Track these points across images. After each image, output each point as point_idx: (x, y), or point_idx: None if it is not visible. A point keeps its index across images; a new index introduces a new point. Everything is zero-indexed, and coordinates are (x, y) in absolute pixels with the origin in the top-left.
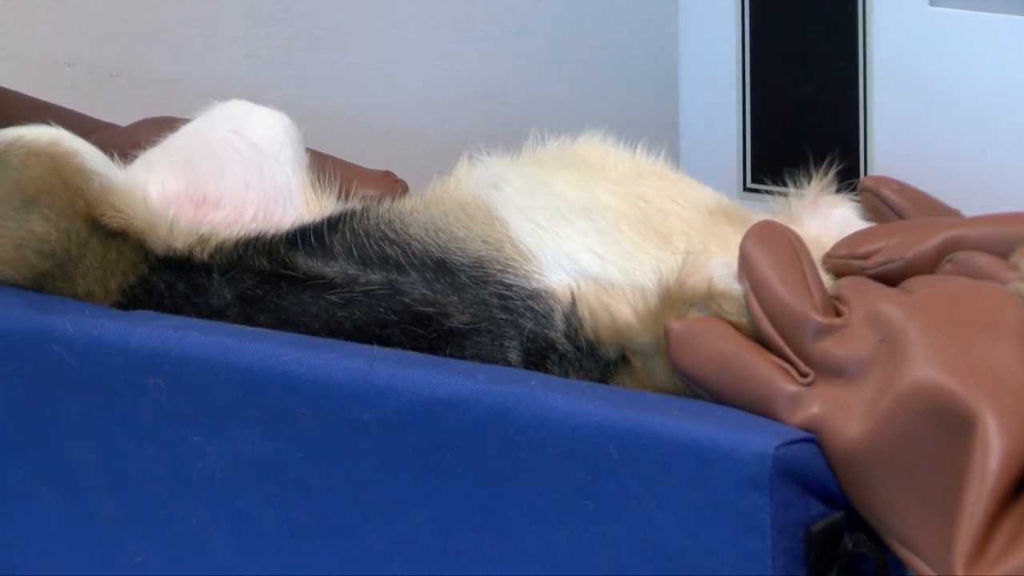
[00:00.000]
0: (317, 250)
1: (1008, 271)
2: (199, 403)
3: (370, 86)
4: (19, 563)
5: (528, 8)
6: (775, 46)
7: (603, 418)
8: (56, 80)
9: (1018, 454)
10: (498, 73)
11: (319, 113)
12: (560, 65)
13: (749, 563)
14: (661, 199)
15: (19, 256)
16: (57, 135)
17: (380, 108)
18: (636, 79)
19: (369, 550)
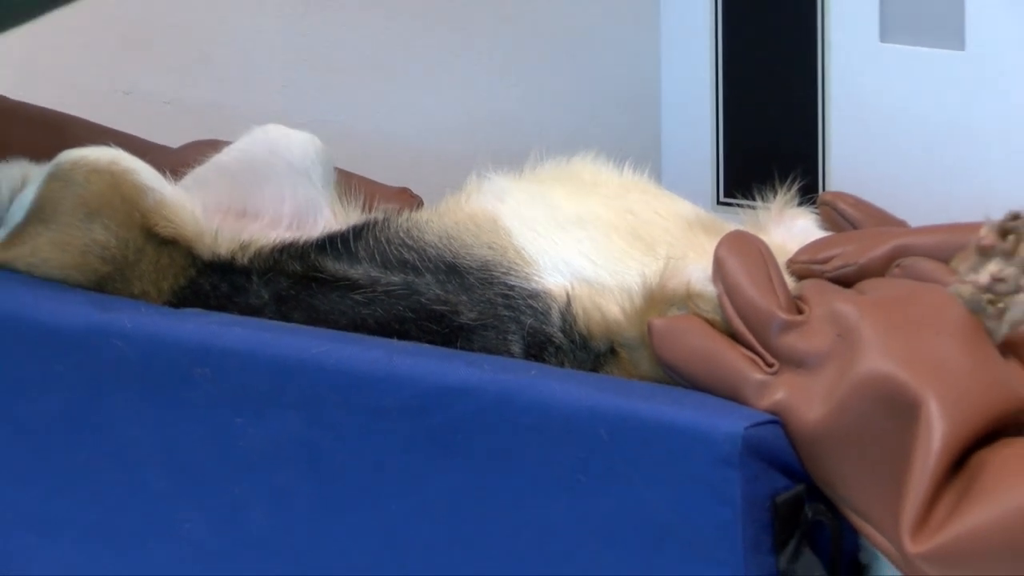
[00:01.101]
0: (343, 255)
1: (949, 275)
2: (240, 390)
3: (390, 112)
4: (82, 532)
5: (529, 45)
6: (745, 78)
7: (594, 403)
8: (115, 107)
9: (958, 436)
10: (503, 101)
11: (345, 136)
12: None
13: (722, 530)
14: (645, 211)
15: (83, 261)
16: (116, 155)
17: (398, 132)
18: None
19: (389, 520)
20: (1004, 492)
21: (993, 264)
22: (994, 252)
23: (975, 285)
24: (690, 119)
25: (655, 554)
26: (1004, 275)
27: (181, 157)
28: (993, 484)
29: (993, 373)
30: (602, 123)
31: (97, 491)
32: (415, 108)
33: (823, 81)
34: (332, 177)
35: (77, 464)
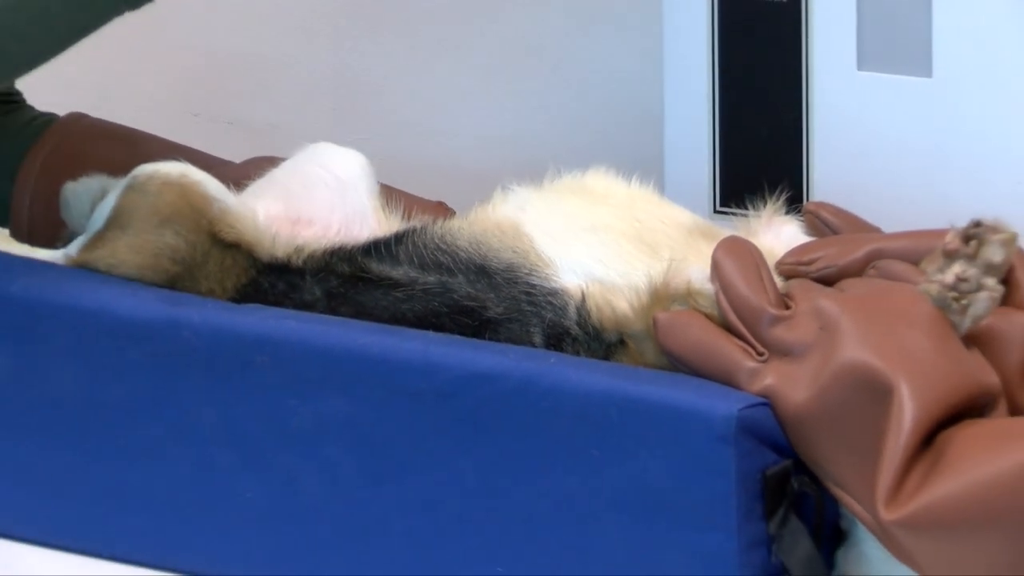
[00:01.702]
0: (386, 258)
1: (918, 275)
2: (294, 375)
3: (425, 132)
4: (154, 501)
5: (549, 75)
6: (738, 102)
7: (606, 387)
8: (186, 127)
9: (926, 417)
10: (524, 123)
11: (388, 154)
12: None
13: (719, 499)
14: (650, 219)
15: (157, 263)
16: (185, 169)
17: (433, 150)
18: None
19: (424, 490)
20: (967, 467)
21: (957, 266)
22: (958, 255)
23: (942, 284)
24: (690, 138)
25: (659, 519)
26: (967, 275)
27: (242, 171)
28: (957, 460)
29: (957, 362)
30: (612, 142)
31: (168, 464)
32: (447, 129)
33: (807, 105)
34: (375, 189)
35: (150, 441)
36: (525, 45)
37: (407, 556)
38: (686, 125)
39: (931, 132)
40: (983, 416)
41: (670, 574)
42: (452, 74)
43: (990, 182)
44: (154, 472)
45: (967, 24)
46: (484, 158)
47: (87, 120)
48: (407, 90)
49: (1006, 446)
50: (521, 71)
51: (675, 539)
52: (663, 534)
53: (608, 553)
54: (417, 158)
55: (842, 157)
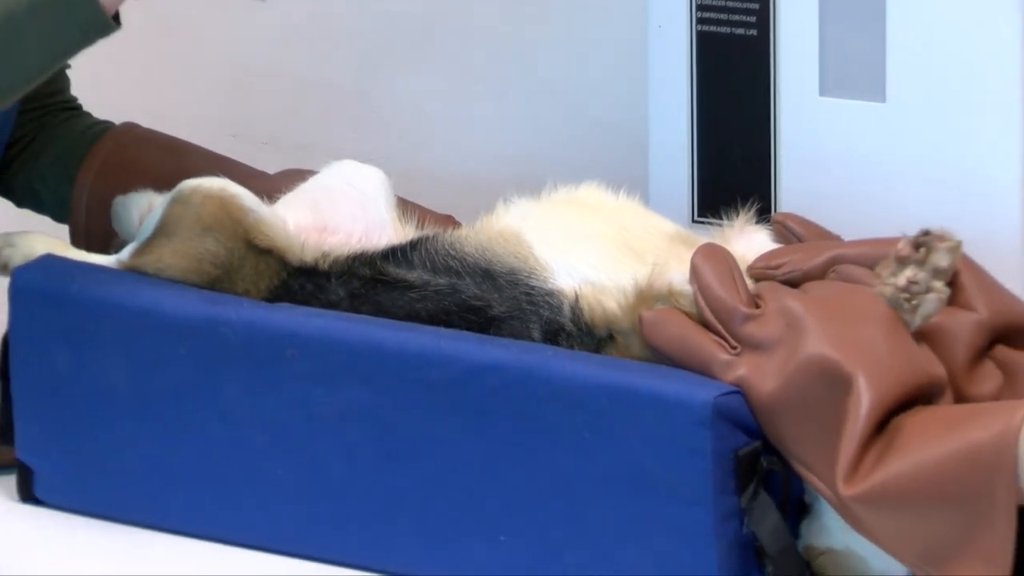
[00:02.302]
0: (402, 262)
1: (874, 279)
2: (320, 367)
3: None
4: (197, 480)
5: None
6: (714, 125)
7: (597, 377)
8: (224, 146)
9: (881, 404)
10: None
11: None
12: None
13: (697, 476)
14: (637, 228)
15: (199, 267)
16: (224, 183)
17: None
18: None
19: (436, 468)
20: (916, 449)
21: (909, 270)
22: (909, 261)
23: (895, 287)
24: (671, 156)
25: (645, 494)
26: (917, 279)
27: (275, 184)
28: (908, 443)
29: (909, 355)
30: (602, 160)
31: (208, 445)
32: (457, 148)
33: (775, 127)
34: (393, 202)
35: (193, 426)
36: (527, 76)
37: (421, 527)
38: (668, 145)
39: (884, 151)
40: (931, 404)
41: (654, 543)
42: (462, 100)
43: (937, 195)
44: (196, 452)
45: (917, 56)
46: (489, 174)
47: (139, 129)
48: (422, 114)
49: (951, 431)
50: (523, 98)
51: (658, 511)
52: (648, 507)
53: (599, 524)
54: (430, 174)
55: (806, 173)
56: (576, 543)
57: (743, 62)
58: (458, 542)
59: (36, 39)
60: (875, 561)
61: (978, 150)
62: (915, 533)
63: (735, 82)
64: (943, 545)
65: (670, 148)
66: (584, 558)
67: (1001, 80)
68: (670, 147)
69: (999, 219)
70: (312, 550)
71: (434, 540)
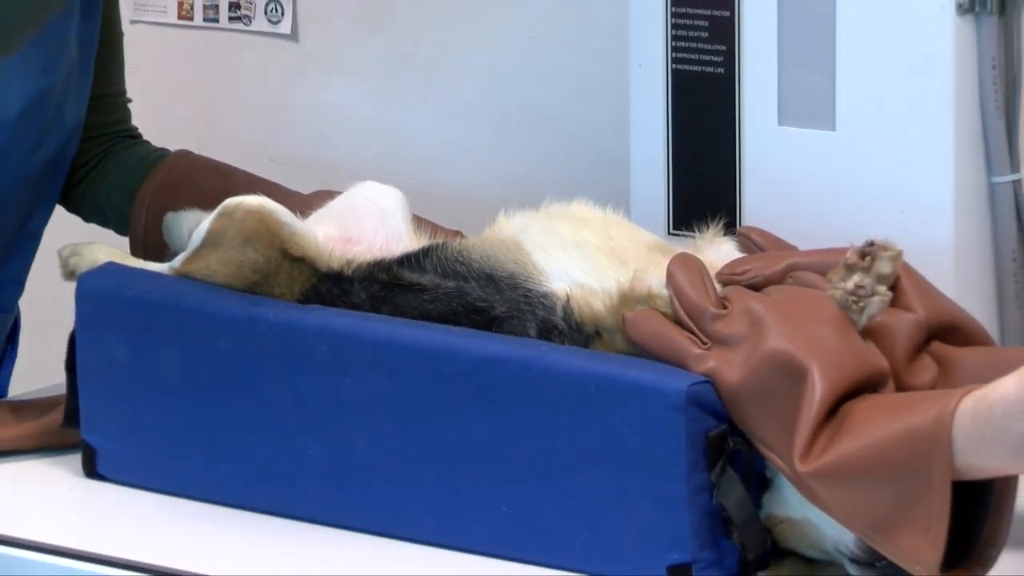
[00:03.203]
0: (416, 268)
1: (826, 283)
2: (347, 359)
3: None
4: (237, 458)
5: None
6: (687, 149)
7: (587, 369)
8: (263, 168)
9: (832, 393)
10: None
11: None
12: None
13: (672, 455)
14: (621, 238)
15: (240, 273)
16: (263, 201)
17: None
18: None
19: (448, 448)
20: (863, 431)
21: (856, 276)
22: (856, 268)
23: (844, 290)
24: (650, 177)
25: (627, 470)
26: (863, 284)
27: (308, 201)
28: (856, 425)
29: (856, 350)
30: (591, 180)
31: (249, 428)
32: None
33: (739, 152)
34: (409, 217)
35: (235, 410)
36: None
37: (434, 500)
38: (648, 167)
39: (835, 173)
40: (876, 392)
41: (635, 513)
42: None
43: (881, 211)
44: (238, 433)
45: (863, 91)
46: (492, 193)
47: (192, 155)
48: (435, 141)
49: (894, 415)
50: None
51: (639, 485)
52: (630, 481)
53: (588, 497)
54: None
55: (767, 192)
56: (567, 512)
57: (712, 96)
58: (465, 512)
59: None
60: (828, 529)
61: (916, 171)
62: (862, 505)
63: (705, 113)
64: (887, 516)
65: (649, 169)
66: (574, 525)
67: (935, 112)
68: (649, 168)
69: (933, 231)
70: (339, 519)
71: (445, 510)
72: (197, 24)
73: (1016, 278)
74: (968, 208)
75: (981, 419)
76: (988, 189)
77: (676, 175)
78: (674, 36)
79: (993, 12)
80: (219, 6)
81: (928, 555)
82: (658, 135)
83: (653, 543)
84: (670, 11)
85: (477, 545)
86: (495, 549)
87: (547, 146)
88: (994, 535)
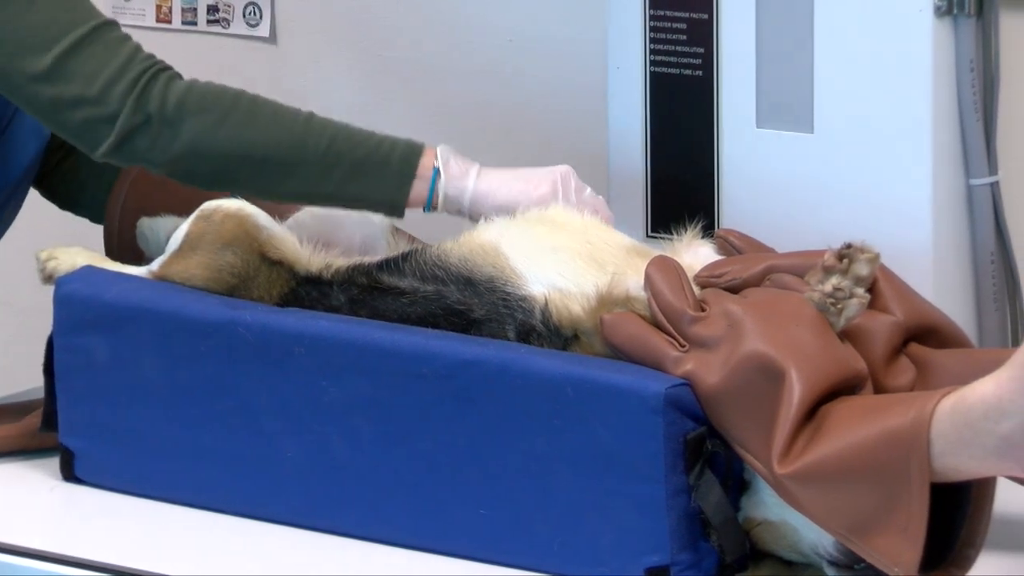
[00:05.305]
0: (395, 272)
1: (804, 286)
2: (325, 362)
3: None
4: (217, 460)
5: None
6: (666, 152)
7: (564, 371)
8: None
9: (810, 395)
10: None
11: None
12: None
13: (651, 457)
14: (598, 242)
15: (219, 276)
16: (242, 204)
17: None
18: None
19: (428, 449)
20: (841, 433)
21: (834, 278)
22: (834, 270)
23: (822, 293)
24: (629, 179)
25: (606, 473)
26: (841, 286)
27: (287, 205)
28: (834, 428)
29: (835, 352)
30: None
31: (228, 430)
32: None
33: (718, 154)
34: (387, 221)
35: (214, 414)
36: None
37: (414, 502)
38: (626, 169)
39: (812, 175)
40: (854, 394)
41: (614, 515)
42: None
43: (858, 213)
44: (217, 436)
45: (840, 94)
46: None
47: None
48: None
49: (872, 418)
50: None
51: (618, 488)
52: (609, 484)
53: (566, 498)
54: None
55: (745, 195)
56: (546, 515)
57: (690, 98)
58: (444, 514)
59: (340, 183)
60: (806, 532)
61: (893, 174)
62: (841, 507)
63: (683, 116)
64: (865, 518)
65: (628, 172)
66: (553, 528)
67: (913, 114)
68: (628, 171)
69: (912, 233)
70: (317, 521)
71: (424, 512)
72: (176, 27)
73: (994, 280)
74: (946, 210)
75: (959, 421)
76: (966, 191)
77: (654, 178)
78: (652, 38)
79: (971, 14)
80: (197, 9)
81: (906, 556)
82: (636, 137)
83: (632, 545)
84: (648, 13)
85: (456, 547)
86: (474, 551)
87: (525, 149)
88: (972, 536)
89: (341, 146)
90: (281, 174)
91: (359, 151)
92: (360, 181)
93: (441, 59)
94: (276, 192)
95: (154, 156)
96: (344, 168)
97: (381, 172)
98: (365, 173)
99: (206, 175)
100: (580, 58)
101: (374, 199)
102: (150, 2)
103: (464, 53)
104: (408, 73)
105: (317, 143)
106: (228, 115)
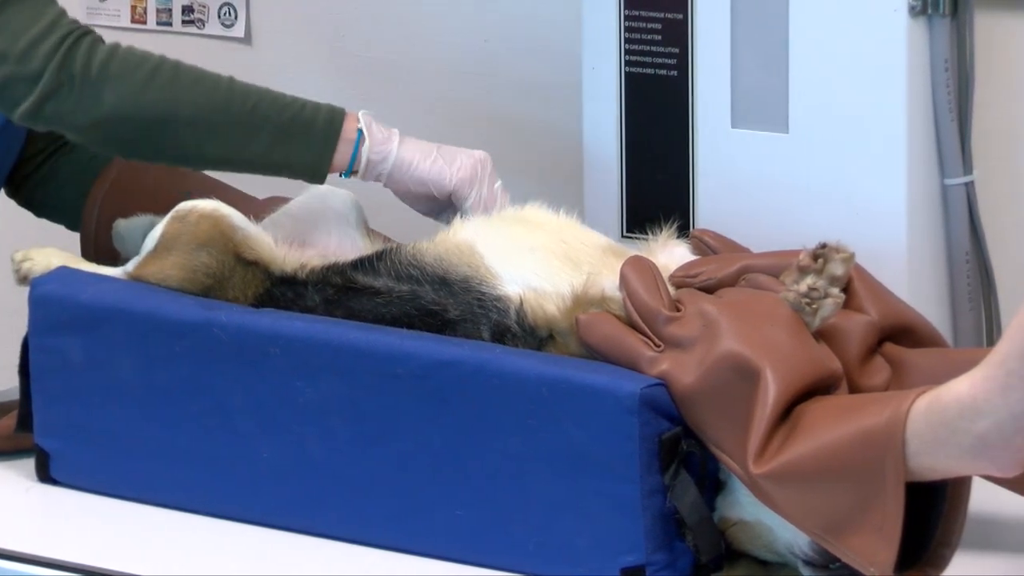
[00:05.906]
0: (370, 271)
1: (779, 286)
2: (300, 362)
3: None
4: (193, 459)
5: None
6: (641, 152)
7: (539, 371)
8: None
9: (785, 394)
10: None
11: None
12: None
13: (626, 458)
14: (574, 241)
15: (194, 277)
16: (217, 205)
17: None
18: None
19: (403, 449)
20: (816, 433)
21: (809, 278)
22: (809, 270)
23: (797, 292)
24: (604, 180)
25: (581, 473)
26: (816, 286)
27: (262, 205)
28: (809, 427)
29: (809, 352)
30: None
31: (204, 431)
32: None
33: (693, 154)
34: (363, 220)
35: (190, 414)
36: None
37: (389, 502)
38: (601, 170)
39: (788, 175)
40: (829, 394)
41: (589, 515)
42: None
43: (833, 213)
44: (193, 437)
45: (816, 94)
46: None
47: None
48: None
49: (847, 417)
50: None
51: (593, 487)
52: (584, 484)
53: (541, 498)
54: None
55: (720, 195)
56: (522, 515)
57: (665, 99)
58: (419, 515)
59: (265, 145)
60: (781, 531)
61: (868, 174)
62: (816, 507)
63: (658, 116)
64: (840, 517)
65: (603, 172)
66: (529, 528)
67: (888, 114)
68: (603, 171)
69: (886, 233)
70: (293, 523)
71: (399, 513)
72: (151, 28)
73: (969, 280)
74: (921, 210)
75: (935, 420)
76: (941, 191)
77: (629, 178)
78: (627, 39)
79: (945, 14)
80: (172, 10)
81: (882, 556)
82: (611, 137)
83: (607, 545)
84: (623, 13)
85: (432, 548)
86: (449, 552)
87: (500, 149)
88: (948, 536)
89: (266, 109)
90: (205, 138)
91: (284, 114)
92: (285, 143)
93: (416, 60)
94: (199, 157)
95: (76, 119)
96: (269, 130)
97: (306, 133)
98: (290, 135)
99: (128, 141)
100: (555, 58)
101: (299, 162)
102: (125, 3)
103: (439, 54)
104: (383, 74)
105: (242, 106)
106: (152, 78)
